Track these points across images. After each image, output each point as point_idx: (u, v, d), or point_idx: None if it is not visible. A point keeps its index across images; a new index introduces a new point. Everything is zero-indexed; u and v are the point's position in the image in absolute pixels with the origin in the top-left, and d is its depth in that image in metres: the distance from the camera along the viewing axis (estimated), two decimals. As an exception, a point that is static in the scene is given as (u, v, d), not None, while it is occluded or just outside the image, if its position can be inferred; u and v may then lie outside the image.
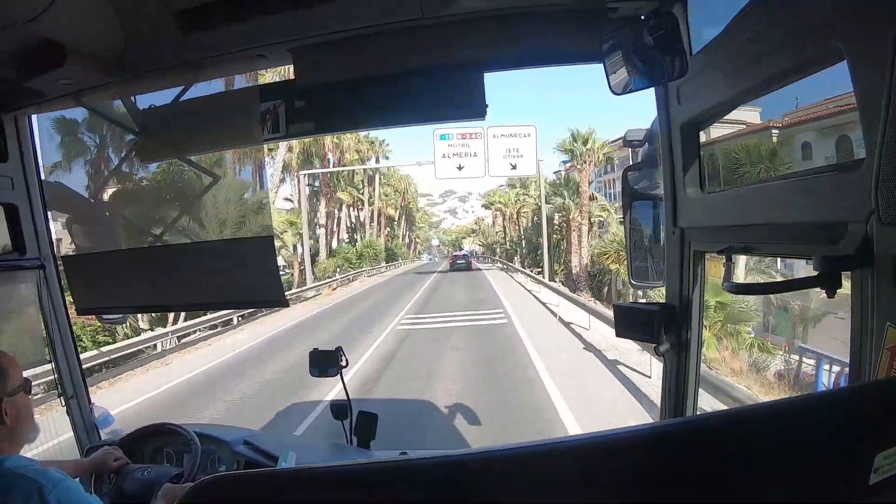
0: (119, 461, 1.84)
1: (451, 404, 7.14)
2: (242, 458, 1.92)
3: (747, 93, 1.39)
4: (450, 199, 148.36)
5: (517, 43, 1.65)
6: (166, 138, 1.99)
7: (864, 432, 0.69)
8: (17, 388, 1.26)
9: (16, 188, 2.04)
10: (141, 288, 2.05)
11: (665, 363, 1.70)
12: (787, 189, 1.29)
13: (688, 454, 0.66)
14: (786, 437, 0.69)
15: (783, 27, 1.12)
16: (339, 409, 2.12)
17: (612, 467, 0.64)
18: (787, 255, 1.35)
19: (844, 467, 0.68)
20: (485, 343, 11.69)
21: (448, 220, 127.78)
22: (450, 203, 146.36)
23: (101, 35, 1.69)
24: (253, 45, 1.69)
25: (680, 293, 1.64)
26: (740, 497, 0.65)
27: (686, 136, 1.60)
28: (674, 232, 1.66)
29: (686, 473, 0.65)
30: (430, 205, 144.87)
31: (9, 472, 1.16)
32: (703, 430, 0.72)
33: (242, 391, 8.61)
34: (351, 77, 1.68)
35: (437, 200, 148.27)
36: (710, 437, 0.69)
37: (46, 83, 1.80)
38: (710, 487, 0.65)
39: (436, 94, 1.69)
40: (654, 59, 1.50)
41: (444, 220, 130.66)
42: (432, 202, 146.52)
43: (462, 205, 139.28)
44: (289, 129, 1.79)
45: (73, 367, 2.20)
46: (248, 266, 1.86)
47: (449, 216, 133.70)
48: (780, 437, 0.68)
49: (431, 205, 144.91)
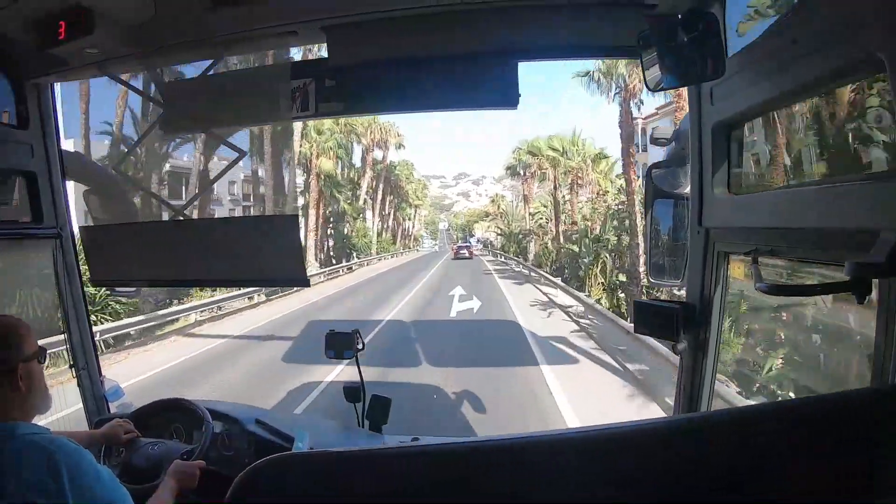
0: (130, 434, 1.84)
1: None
2: (254, 437, 1.92)
3: (783, 98, 1.39)
4: (463, 182, 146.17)
5: (552, 34, 1.64)
6: (192, 112, 1.97)
7: (884, 434, 0.70)
8: (31, 354, 1.25)
9: (35, 156, 2.02)
10: (158, 262, 2.04)
11: (681, 361, 1.71)
12: (817, 194, 1.30)
13: (695, 449, 0.67)
14: (801, 437, 0.70)
15: (823, 34, 1.11)
16: (352, 391, 2.13)
17: (620, 459, 0.65)
18: (815, 260, 1.36)
19: (862, 468, 0.69)
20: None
21: (461, 204, 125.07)
22: (463, 186, 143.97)
23: (131, 4, 1.66)
24: (285, 21, 1.67)
25: (701, 293, 1.65)
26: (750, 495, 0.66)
27: (717, 137, 1.60)
28: (699, 232, 1.66)
29: (694, 468, 0.66)
30: (443, 187, 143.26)
31: (21, 439, 1.16)
32: (711, 426, 0.73)
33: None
34: (384, 59, 1.67)
35: (450, 183, 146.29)
36: (719, 434, 0.70)
37: (72, 51, 1.77)
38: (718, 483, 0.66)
39: (469, 82, 1.68)
40: (690, 58, 1.48)
41: (456, 203, 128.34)
42: (445, 184, 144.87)
43: (475, 188, 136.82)
44: (318, 107, 1.78)
45: (85, 338, 2.19)
46: (270, 243, 1.85)
47: (462, 199, 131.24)
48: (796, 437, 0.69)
49: (444, 187, 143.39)
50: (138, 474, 1.75)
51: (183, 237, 2.04)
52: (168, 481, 1.51)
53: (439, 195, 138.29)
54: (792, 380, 5.60)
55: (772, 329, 6.27)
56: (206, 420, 1.90)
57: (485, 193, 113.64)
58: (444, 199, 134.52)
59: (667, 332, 1.66)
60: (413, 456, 0.67)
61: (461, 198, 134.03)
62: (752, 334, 6.58)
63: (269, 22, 1.70)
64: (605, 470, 0.65)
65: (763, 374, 6.09)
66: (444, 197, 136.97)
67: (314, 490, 0.60)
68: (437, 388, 7.62)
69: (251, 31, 1.73)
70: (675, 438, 0.69)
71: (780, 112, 1.72)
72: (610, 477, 0.65)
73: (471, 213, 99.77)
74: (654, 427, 0.74)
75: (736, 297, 6.19)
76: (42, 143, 2.04)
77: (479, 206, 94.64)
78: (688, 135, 1.71)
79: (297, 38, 1.76)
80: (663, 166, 1.88)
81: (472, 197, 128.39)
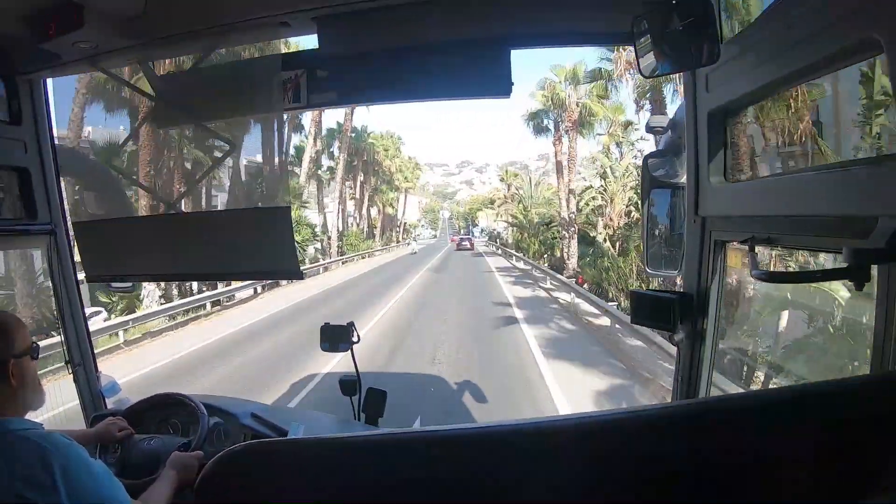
0: (124, 431, 1.83)
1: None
2: (249, 431, 1.92)
3: (779, 83, 1.37)
4: (466, 170, 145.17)
5: (546, 21, 1.62)
6: (184, 104, 1.97)
7: (884, 421, 0.68)
8: (24, 350, 1.25)
9: (29, 152, 2.02)
10: (153, 256, 2.04)
11: (679, 351, 1.70)
12: (814, 181, 1.28)
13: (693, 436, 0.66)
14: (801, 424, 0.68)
15: (819, 17, 1.10)
16: (348, 384, 2.12)
17: (612, 445, 0.65)
18: (813, 247, 1.34)
19: (862, 457, 0.67)
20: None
21: (464, 192, 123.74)
22: (466, 174, 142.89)
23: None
24: (277, 12, 1.66)
25: (698, 282, 1.63)
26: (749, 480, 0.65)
27: (713, 124, 1.58)
28: (695, 220, 1.65)
29: (691, 454, 0.65)
30: (446, 175, 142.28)
31: (13, 435, 1.15)
32: (710, 413, 0.72)
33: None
34: (376, 48, 1.66)
35: (454, 171, 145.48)
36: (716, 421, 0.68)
37: (63, 46, 1.77)
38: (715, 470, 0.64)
39: (461, 70, 1.66)
40: (684, 44, 1.47)
41: (459, 192, 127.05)
42: (448, 172, 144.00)
43: (479, 175, 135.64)
44: (310, 98, 1.77)
45: (80, 334, 2.19)
46: (264, 236, 1.85)
47: (465, 187, 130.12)
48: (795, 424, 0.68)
49: (447, 175, 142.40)
50: (136, 470, 1.75)
51: (176, 230, 2.04)
52: (168, 472, 1.50)
53: (442, 183, 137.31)
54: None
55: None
56: (202, 414, 1.90)
57: (488, 181, 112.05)
58: (446, 188, 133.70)
59: (664, 322, 1.64)
60: (398, 443, 0.66)
61: (464, 186, 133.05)
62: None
63: (262, 12, 1.69)
64: (601, 457, 0.64)
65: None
66: (447, 185, 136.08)
67: (288, 478, 0.59)
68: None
69: (243, 22, 1.72)
70: (673, 426, 0.68)
71: (776, 98, 1.71)
72: (605, 462, 0.64)
73: (474, 199, 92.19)
74: (651, 414, 0.73)
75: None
76: (35, 139, 2.04)
77: (484, 193, 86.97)
78: (683, 123, 1.70)
79: (289, 30, 1.75)
80: (659, 155, 1.86)
81: (476, 185, 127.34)
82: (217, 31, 1.76)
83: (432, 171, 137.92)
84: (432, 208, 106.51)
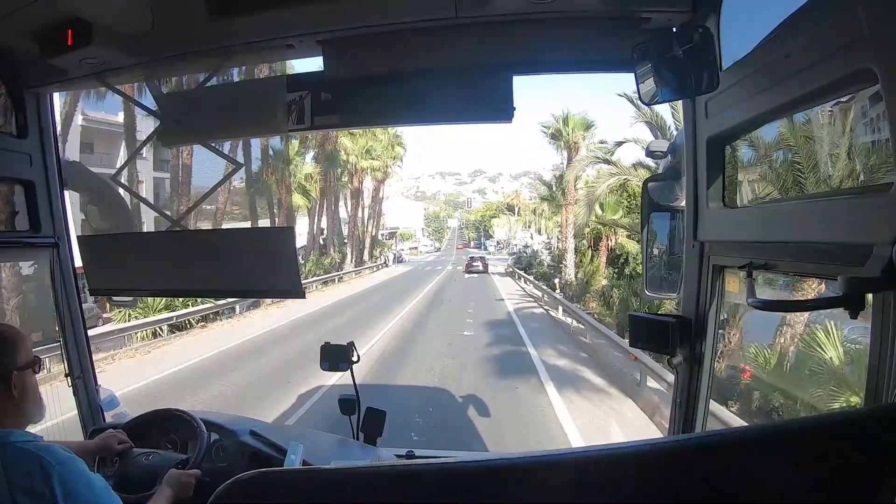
0: (123, 445, 1.83)
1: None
2: (248, 449, 1.91)
3: (777, 111, 1.39)
4: (479, 179, 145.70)
5: (548, 48, 1.64)
6: (189, 123, 1.98)
7: (881, 455, 0.69)
8: (26, 363, 1.26)
9: (34, 165, 2.04)
10: (156, 272, 2.05)
11: (677, 376, 1.70)
12: (812, 208, 1.29)
13: (694, 471, 0.66)
14: (797, 460, 0.69)
15: (816, 47, 1.11)
16: (347, 403, 2.12)
17: (617, 480, 0.64)
18: (809, 274, 1.35)
19: (860, 490, 0.68)
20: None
21: (476, 201, 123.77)
22: (479, 182, 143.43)
23: (130, 16, 1.68)
24: (282, 34, 1.68)
25: (696, 306, 1.64)
26: None
27: (712, 151, 1.59)
28: (693, 245, 1.66)
29: (691, 490, 0.65)
30: (459, 184, 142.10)
31: (13, 447, 1.16)
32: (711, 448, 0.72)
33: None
34: (380, 72, 1.68)
35: (465, 180, 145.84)
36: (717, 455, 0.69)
37: (71, 62, 1.79)
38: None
39: (464, 95, 1.68)
40: (684, 72, 1.49)
41: (471, 201, 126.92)
42: (460, 181, 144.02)
43: (492, 185, 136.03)
44: (314, 120, 1.79)
45: (81, 347, 2.19)
46: (267, 255, 1.86)
47: (477, 196, 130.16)
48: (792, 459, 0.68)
49: (459, 184, 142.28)
50: (133, 484, 1.74)
51: (179, 247, 2.05)
52: (164, 489, 1.51)
53: (454, 192, 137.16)
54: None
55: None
56: (201, 430, 1.89)
57: (501, 191, 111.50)
58: (458, 197, 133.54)
59: (662, 346, 1.65)
60: (402, 476, 0.66)
61: (477, 195, 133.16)
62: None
63: (268, 34, 1.71)
64: (605, 490, 0.64)
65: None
66: (459, 194, 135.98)
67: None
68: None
69: (249, 44, 1.74)
70: (675, 459, 0.68)
71: (774, 126, 1.72)
72: (609, 497, 0.64)
73: (488, 206, 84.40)
74: (658, 447, 0.73)
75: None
76: (41, 152, 2.05)
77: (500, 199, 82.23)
78: (683, 148, 1.71)
79: (294, 52, 1.77)
80: (659, 179, 1.88)
81: (489, 194, 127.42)
82: (223, 52, 1.78)
83: (444, 179, 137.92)
84: (437, 215, 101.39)
